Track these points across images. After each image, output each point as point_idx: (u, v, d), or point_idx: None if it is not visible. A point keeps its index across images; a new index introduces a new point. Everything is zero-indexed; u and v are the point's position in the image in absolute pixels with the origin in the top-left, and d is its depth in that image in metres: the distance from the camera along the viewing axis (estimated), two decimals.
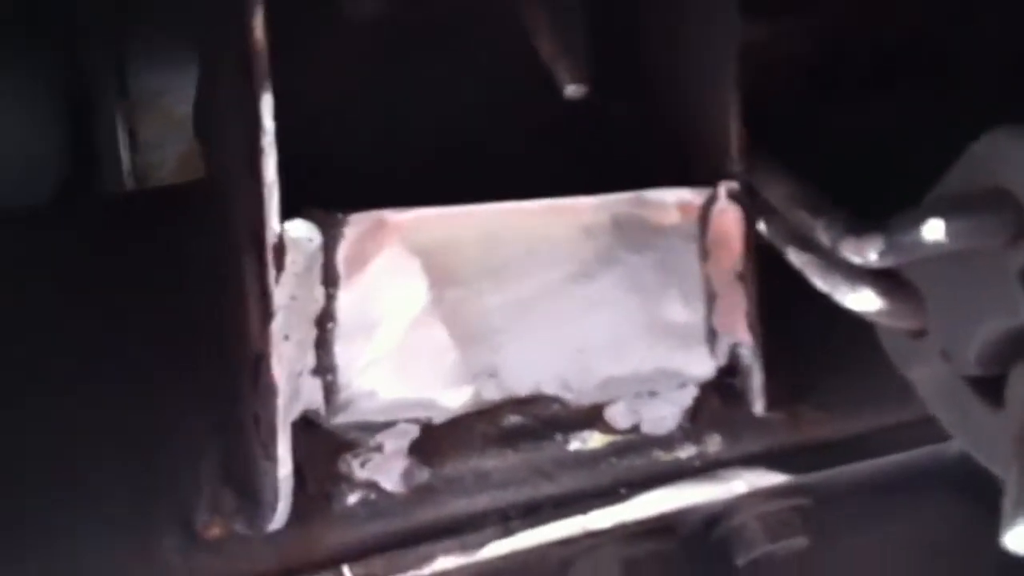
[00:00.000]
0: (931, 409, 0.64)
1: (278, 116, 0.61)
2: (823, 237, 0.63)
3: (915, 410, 0.79)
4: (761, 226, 0.71)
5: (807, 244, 0.66)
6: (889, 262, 0.59)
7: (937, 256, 0.58)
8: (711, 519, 0.78)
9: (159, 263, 0.79)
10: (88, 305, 0.76)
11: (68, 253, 0.80)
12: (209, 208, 0.75)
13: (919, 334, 0.63)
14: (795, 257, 0.67)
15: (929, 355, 0.62)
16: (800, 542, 0.78)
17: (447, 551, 0.68)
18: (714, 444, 0.76)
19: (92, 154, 1.11)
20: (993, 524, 0.89)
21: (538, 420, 0.74)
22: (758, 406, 0.76)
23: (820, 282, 0.65)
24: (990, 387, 0.58)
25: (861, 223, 0.61)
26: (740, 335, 0.74)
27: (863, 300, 0.63)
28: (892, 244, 0.58)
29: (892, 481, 0.82)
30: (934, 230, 0.55)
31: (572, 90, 0.62)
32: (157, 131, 1.10)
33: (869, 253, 0.59)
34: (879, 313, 0.63)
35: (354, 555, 0.67)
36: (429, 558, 0.68)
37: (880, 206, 0.62)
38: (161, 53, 1.08)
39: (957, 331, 0.59)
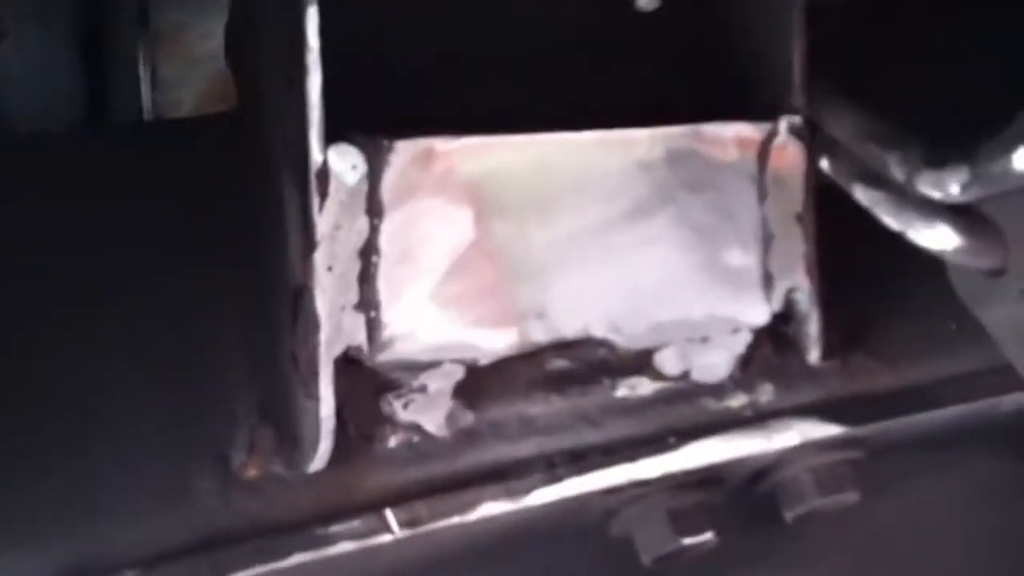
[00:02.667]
0: (1005, 351, 0.61)
1: (322, 34, 0.58)
2: (897, 171, 0.60)
3: (971, 362, 0.78)
4: (824, 163, 0.68)
5: (877, 180, 0.62)
6: (972, 195, 0.56)
7: (1020, 188, 0.55)
8: (760, 471, 0.75)
9: (189, 193, 0.76)
10: (117, 236, 0.73)
11: (95, 180, 0.77)
12: (241, 137, 0.72)
13: (997, 273, 0.60)
14: (863, 195, 0.63)
15: (1007, 295, 0.59)
16: (851, 496, 0.75)
17: (492, 496, 0.66)
18: (766, 393, 0.74)
19: (110, 90, 1.09)
20: None
21: (585, 365, 0.71)
22: (813, 355, 0.73)
23: (892, 220, 0.62)
24: None
25: (941, 154, 0.57)
26: (797, 280, 0.71)
27: (940, 238, 0.60)
28: (978, 175, 0.55)
29: (945, 435, 0.80)
30: None
31: (646, 1, 0.59)
32: (177, 69, 1.07)
33: (951, 186, 0.56)
34: (956, 251, 0.60)
35: (396, 499, 0.64)
36: (474, 503, 0.65)
37: (949, 140, 0.59)
38: None
39: None
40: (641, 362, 0.71)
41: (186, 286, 0.71)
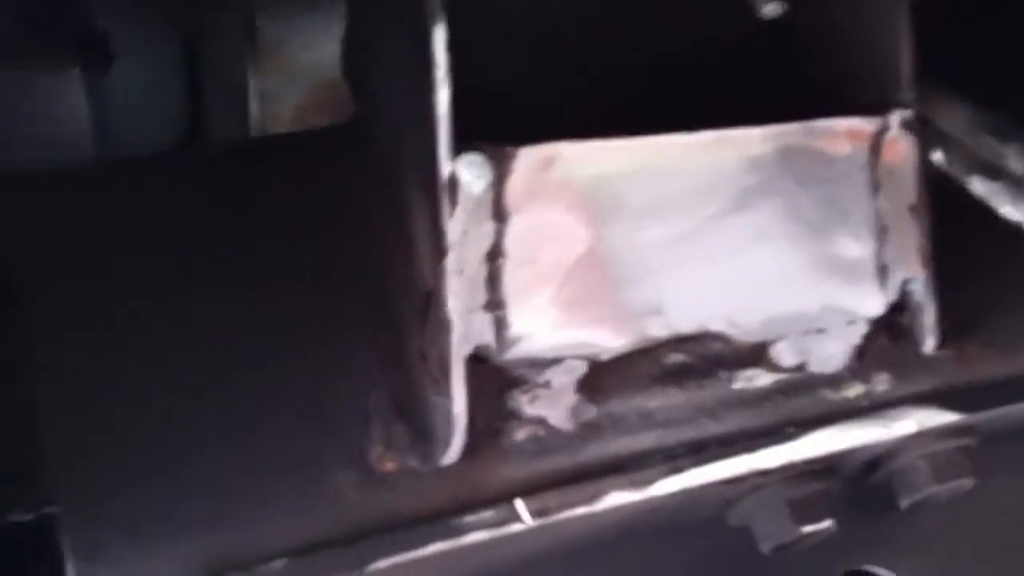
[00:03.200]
0: None
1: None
2: (1015, 162, 0.60)
3: None
4: (937, 156, 0.69)
5: (994, 172, 0.63)
6: None
7: None
8: (875, 460, 0.76)
9: (307, 205, 0.80)
10: (241, 247, 0.77)
11: (211, 196, 0.81)
12: (355, 149, 0.75)
13: None
14: (980, 186, 0.64)
15: None
16: (966, 483, 0.76)
17: (618, 487, 0.68)
18: (882, 383, 0.74)
19: (213, 107, 1.11)
20: None
21: (701, 358, 0.73)
22: (928, 344, 0.74)
23: (1012, 209, 0.62)
24: None
25: None
26: (913, 270, 0.72)
27: None
28: None
29: None
30: None
31: (771, 9, 0.60)
32: (276, 82, 1.09)
33: None
34: None
35: (525, 490, 0.66)
36: (600, 494, 0.67)
37: None
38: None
39: None
40: (757, 355, 0.73)
41: (313, 294, 0.74)
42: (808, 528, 0.72)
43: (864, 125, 0.70)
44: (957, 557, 0.85)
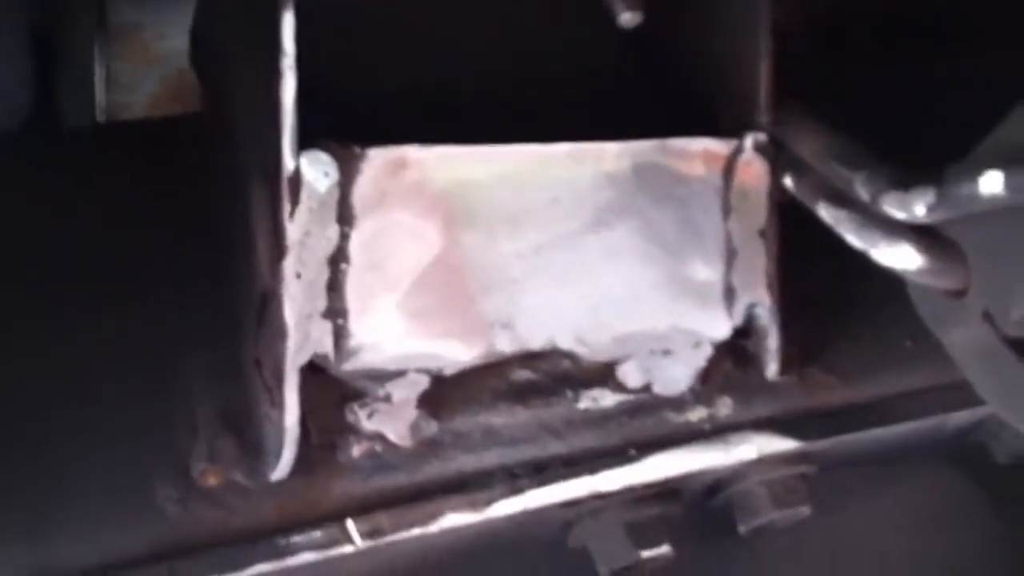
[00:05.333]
0: (965, 372, 0.62)
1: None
2: (862, 191, 0.61)
3: (923, 379, 0.79)
4: (787, 181, 0.69)
5: (841, 199, 0.63)
6: (938, 217, 0.57)
7: (983, 212, 0.56)
8: (716, 484, 0.76)
9: (145, 197, 0.75)
10: (75, 239, 0.72)
11: (49, 183, 0.75)
12: (204, 140, 0.71)
13: (958, 294, 0.61)
14: (827, 213, 0.64)
15: (968, 316, 0.60)
16: (804, 510, 0.76)
17: (455, 508, 0.66)
18: (725, 407, 0.74)
19: (61, 91, 1.06)
20: (988, 497, 0.89)
21: (548, 376, 0.71)
22: (771, 369, 0.74)
23: (855, 238, 0.63)
24: None
25: (908, 176, 0.58)
26: (758, 295, 0.72)
27: (903, 257, 0.61)
28: (944, 198, 0.56)
29: (895, 450, 0.81)
30: (992, 183, 0.53)
31: (627, 18, 0.59)
32: (131, 68, 1.05)
33: (916, 207, 0.57)
34: (919, 271, 0.61)
35: (359, 509, 0.64)
36: (436, 514, 0.65)
37: (913, 163, 0.60)
38: None
39: (1002, 290, 0.57)
40: (604, 374, 0.72)
41: (147, 291, 0.70)
42: (647, 552, 0.71)
43: (718, 146, 0.69)
44: None
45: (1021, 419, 0.59)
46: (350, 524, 0.63)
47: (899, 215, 0.59)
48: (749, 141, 0.70)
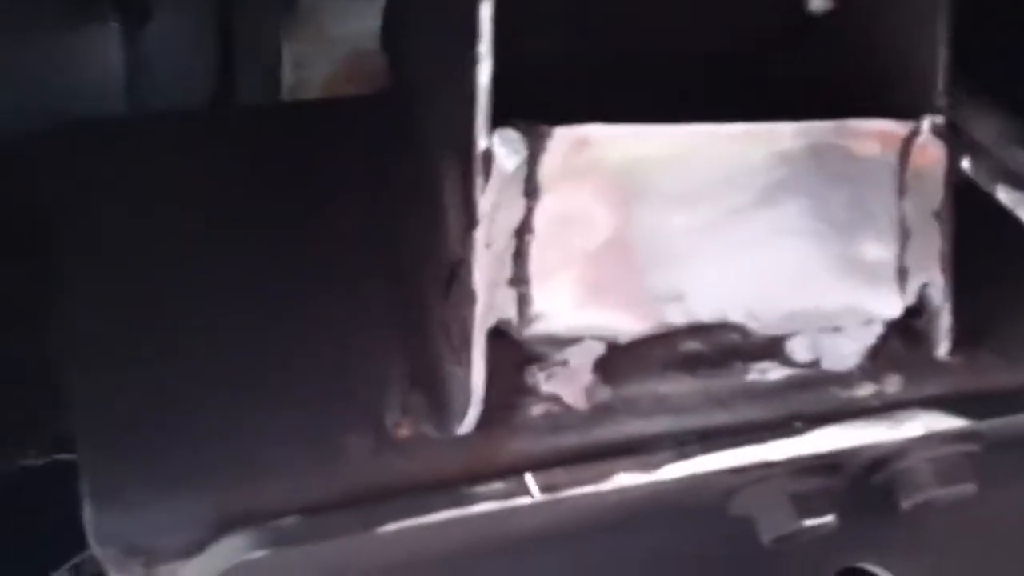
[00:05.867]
0: None
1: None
2: None
3: None
4: (965, 163, 0.69)
5: (1020, 182, 0.64)
6: None
7: None
8: (879, 459, 0.77)
9: (334, 171, 0.81)
10: (267, 208, 0.78)
11: (240, 156, 0.81)
12: (388, 117, 0.75)
13: None
14: (1006, 195, 0.65)
15: None
16: (969, 488, 0.77)
17: (626, 468, 0.69)
18: (893, 384, 0.75)
19: (247, 71, 1.12)
20: None
21: (716, 348, 0.73)
22: (942, 349, 0.75)
23: None
24: None
25: None
26: (932, 275, 0.73)
27: None
28: None
29: None
30: None
31: (818, 4, 0.61)
32: (309, 49, 1.09)
33: None
34: None
35: (536, 465, 0.67)
36: (609, 474, 0.68)
37: None
38: None
39: None
40: (772, 348, 0.73)
41: (337, 259, 0.75)
42: (809, 522, 0.73)
43: (896, 128, 0.70)
44: (955, 562, 0.86)
45: None
46: (529, 478, 0.67)
47: None
48: (927, 124, 0.70)
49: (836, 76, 0.75)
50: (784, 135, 0.69)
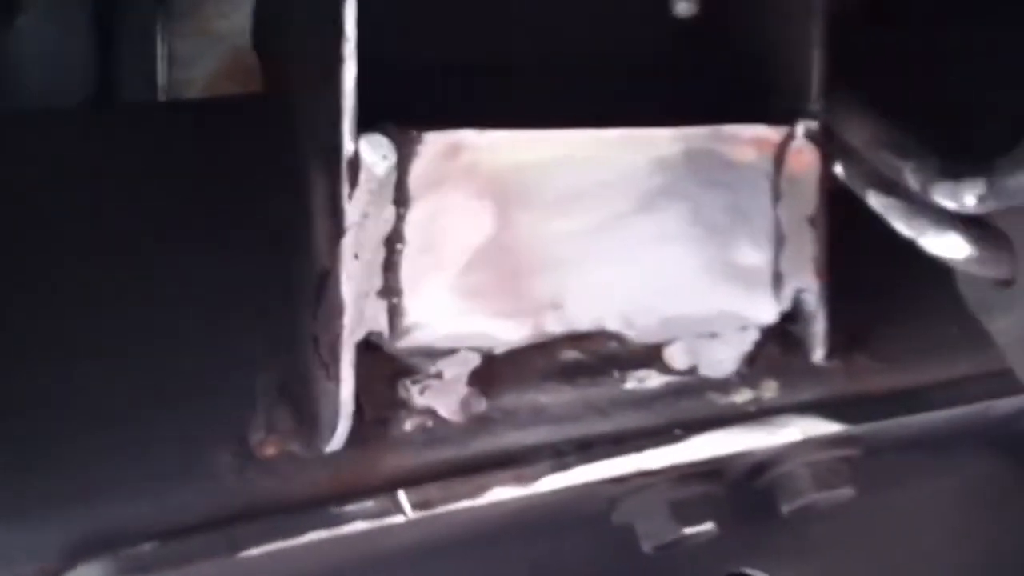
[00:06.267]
0: (1011, 361, 0.63)
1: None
2: (911, 180, 0.61)
3: (968, 366, 0.79)
4: (838, 168, 0.70)
5: (890, 188, 0.64)
6: (988, 207, 0.58)
7: None
8: (759, 465, 0.77)
9: (208, 174, 0.77)
10: (136, 212, 0.74)
11: (109, 158, 0.77)
12: (264, 120, 0.73)
13: (1005, 283, 0.61)
14: (876, 201, 0.65)
15: (1015, 305, 0.61)
16: (847, 492, 0.77)
17: (502, 482, 0.67)
18: (770, 390, 0.75)
19: (123, 67, 1.08)
20: None
21: (596, 357, 0.72)
22: (818, 354, 0.75)
23: (904, 227, 0.63)
24: None
25: (957, 166, 0.59)
26: (807, 280, 0.73)
27: (951, 246, 0.61)
28: (995, 188, 0.56)
29: (939, 436, 0.82)
30: None
31: (683, 8, 0.60)
32: (191, 47, 1.07)
33: (966, 198, 0.58)
34: (967, 260, 0.61)
35: (410, 481, 0.66)
36: (484, 488, 0.67)
37: (963, 149, 0.61)
38: None
39: None
40: (651, 356, 0.73)
41: (205, 266, 0.72)
42: (689, 529, 0.73)
43: (770, 133, 0.70)
44: (836, 565, 0.87)
45: None
46: (401, 495, 0.65)
47: (948, 205, 0.60)
48: (801, 128, 0.70)
49: (715, 80, 0.74)
50: (661, 140, 0.69)
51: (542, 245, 0.68)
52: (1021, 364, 0.62)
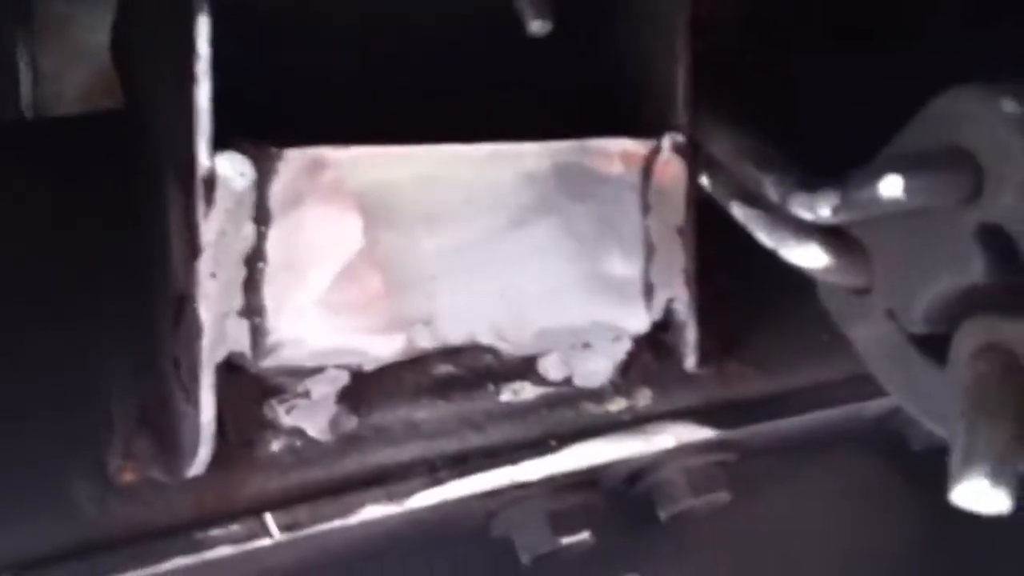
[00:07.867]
0: (871, 368, 0.64)
1: (215, 40, 0.58)
2: (771, 192, 0.62)
3: (839, 369, 0.81)
4: (704, 180, 0.70)
5: (753, 199, 0.65)
6: (842, 219, 0.59)
7: (887, 214, 0.57)
8: (636, 473, 0.77)
9: (69, 193, 0.75)
10: None
11: None
12: (126, 139, 0.71)
13: (863, 292, 0.62)
14: (739, 212, 0.66)
15: (873, 313, 0.62)
16: (723, 497, 0.78)
17: (374, 500, 0.67)
18: (644, 398, 0.76)
19: None
20: (904, 482, 0.92)
21: (470, 370, 0.72)
22: (690, 361, 0.75)
23: (765, 237, 0.64)
24: (934, 346, 0.58)
25: (813, 179, 0.60)
26: (676, 290, 0.73)
27: (809, 256, 0.62)
28: (847, 200, 0.57)
29: (812, 438, 0.83)
30: (891, 187, 0.55)
31: (537, 26, 0.60)
32: (59, 61, 1.03)
33: (821, 209, 0.59)
34: (825, 270, 0.62)
35: (277, 503, 0.65)
36: (355, 507, 0.66)
37: (827, 163, 0.62)
38: None
39: (904, 289, 0.59)
40: (525, 368, 0.73)
41: (65, 288, 0.69)
42: (567, 539, 0.73)
43: (637, 147, 0.70)
44: (715, 568, 0.88)
45: (922, 411, 0.61)
46: (268, 517, 0.64)
47: (806, 216, 0.60)
48: (667, 141, 0.71)
49: (584, 94, 0.74)
50: (528, 155, 0.68)
51: (411, 261, 0.67)
52: (879, 369, 0.63)
